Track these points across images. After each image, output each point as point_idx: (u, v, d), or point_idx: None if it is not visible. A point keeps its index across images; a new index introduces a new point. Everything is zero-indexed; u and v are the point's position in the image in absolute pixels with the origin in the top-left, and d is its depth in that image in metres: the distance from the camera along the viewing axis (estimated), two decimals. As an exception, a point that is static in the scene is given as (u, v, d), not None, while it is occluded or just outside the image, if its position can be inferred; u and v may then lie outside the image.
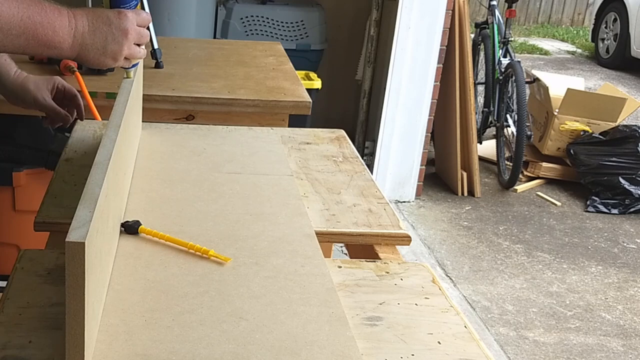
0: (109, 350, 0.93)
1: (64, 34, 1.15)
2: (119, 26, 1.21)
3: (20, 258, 1.17)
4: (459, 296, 3.16)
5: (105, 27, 1.20)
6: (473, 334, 1.08)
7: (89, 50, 1.19)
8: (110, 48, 1.20)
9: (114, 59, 1.22)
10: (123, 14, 1.22)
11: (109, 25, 1.20)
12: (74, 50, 1.18)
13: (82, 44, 1.18)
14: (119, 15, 1.22)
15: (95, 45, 1.19)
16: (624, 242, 3.83)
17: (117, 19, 1.21)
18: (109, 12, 1.23)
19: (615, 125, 4.40)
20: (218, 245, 1.20)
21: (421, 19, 3.78)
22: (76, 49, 1.17)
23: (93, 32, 1.18)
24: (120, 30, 1.21)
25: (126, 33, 1.21)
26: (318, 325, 1.02)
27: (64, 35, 1.15)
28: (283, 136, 1.81)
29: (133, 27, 1.22)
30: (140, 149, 1.59)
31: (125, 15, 1.22)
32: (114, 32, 1.20)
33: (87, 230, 0.84)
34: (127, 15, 1.22)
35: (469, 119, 4.14)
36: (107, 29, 1.20)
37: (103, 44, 1.19)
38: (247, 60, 2.59)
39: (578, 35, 9.59)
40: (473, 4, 7.49)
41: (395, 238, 1.38)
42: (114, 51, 1.21)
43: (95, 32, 1.19)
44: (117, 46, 1.21)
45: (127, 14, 1.23)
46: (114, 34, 1.20)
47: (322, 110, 4.15)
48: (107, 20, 1.20)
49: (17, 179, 2.46)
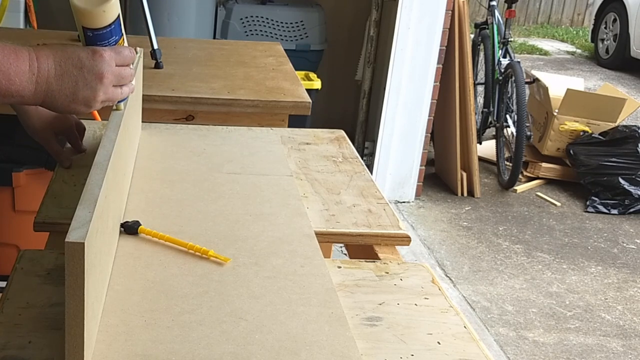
0: (108, 350, 0.93)
1: (22, 82, 1.01)
2: (93, 69, 1.06)
3: (20, 258, 1.17)
4: (459, 296, 3.16)
5: (76, 70, 1.05)
6: (473, 334, 1.08)
7: (55, 97, 1.05)
8: (82, 94, 1.06)
9: (87, 105, 1.08)
10: (98, 54, 1.07)
11: (79, 68, 1.05)
12: (38, 98, 1.04)
13: (47, 90, 1.04)
14: (93, 56, 1.06)
15: (64, 92, 1.05)
16: (623, 243, 3.83)
17: (91, 60, 1.06)
18: (82, 52, 1.07)
19: (614, 126, 4.40)
20: (218, 245, 1.20)
21: (421, 19, 3.79)
22: (40, 96, 1.04)
23: (60, 77, 1.04)
24: (94, 74, 1.06)
25: (101, 77, 1.06)
26: (318, 326, 1.02)
27: (22, 83, 1.01)
28: (283, 136, 1.81)
29: (110, 69, 1.07)
30: (140, 149, 1.59)
31: (100, 55, 1.07)
32: (86, 76, 1.05)
33: (87, 231, 0.84)
34: (103, 55, 1.07)
35: (469, 120, 4.14)
36: (77, 73, 1.05)
37: (72, 90, 1.05)
38: (247, 60, 2.59)
39: (578, 36, 9.60)
40: (473, 4, 7.49)
41: (395, 238, 1.38)
42: (87, 97, 1.06)
43: (63, 77, 1.04)
44: (89, 92, 1.06)
45: (104, 53, 1.07)
46: (86, 78, 1.05)
47: (321, 111, 4.15)
48: (78, 61, 1.05)
49: (17, 179, 2.46)
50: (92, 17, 1.10)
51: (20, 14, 3.50)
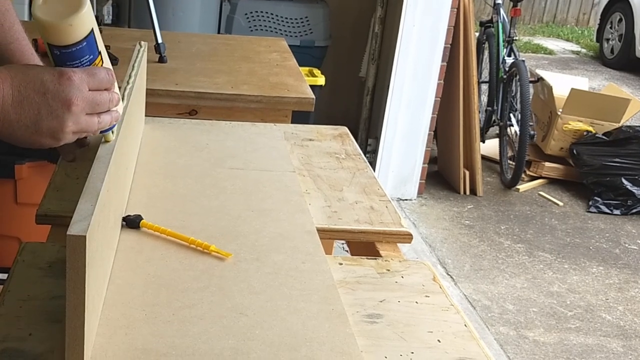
0: (108, 343, 0.93)
1: None
2: (58, 94, 0.89)
3: (22, 251, 1.17)
4: (460, 295, 3.16)
5: (38, 96, 0.88)
6: (473, 333, 1.08)
7: (14, 129, 0.89)
8: (46, 124, 0.89)
9: (54, 137, 0.91)
10: (66, 76, 0.90)
11: (42, 93, 0.88)
12: None
13: (4, 120, 0.88)
14: (59, 79, 0.89)
15: (23, 122, 0.88)
16: (625, 243, 3.83)
17: (57, 84, 0.89)
18: (46, 75, 0.89)
19: (618, 126, 4.39)
20: (219, 240, 1.20)
21: (426, 17, 3.78)
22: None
23: (19, 104, 0.88)
24: (60, 100, 0.89)
25: (68, 104, 0.89)
26: (318, 322, 1.02)
27: None
28: (286, 132, 1.81)
29: (80, 94, 0.90)
30: (142, 143, 1.59)
31: (68, 78, 0.90)
32: (51, 103, 0.88)
33: (89, 224, 0.84)
34: (72, 78, 0.90)
35: (472, 118, 4.14)
36: (40, 99, 0.88)
37: (34, 120, 0.89)
38: (251, 55, 2.59)
39: (583, 35, 9.58)
40: (478, 2, 7.47)
41: (397, 236, 1.38)
42: (52, 128, 0.90)
43: (23, 104, 0.88)
44: (55, 122, 0.89)
45: (73, 76, 0.90)
46: (51, 106, 0.88)
47: (325, 107, 4.15)
48: (41, 86, 0.88)
49: (19, 171, 2.46)
50: (57, 32, 0.91)
51: (25, 6, 3.50)
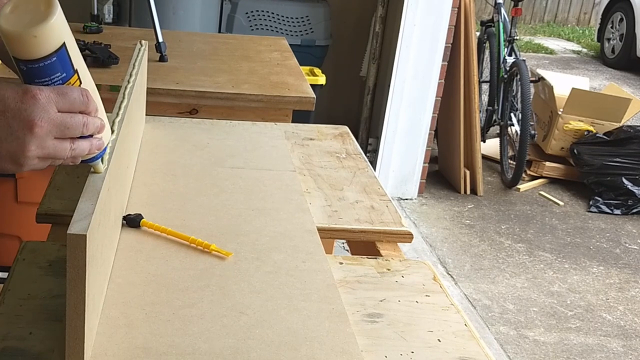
0: (108, 342, 0.93)
1: None
2: (19, 114, 0.80)
3: (22, 249, 1.17)
4: (460, 294, 3.16)
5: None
6: (473, 333, 1.08)
7: None
8: (5, 147, 0.80)
9: (15, 162, 0.82)
10: (30, 94, 0.80)
11: (2, 112, 0.79)
12: None
13: None
14: (22, 97, 0.80)
15: None
16: (626, 243, 3.83)
17: (19, 102, 0.80)
18: (9, 91, 0.80)
19: (619, 126, 4.39)
20: (219, 239, 1.20)
21: (427, 17, 3.78)
22: None
23: None
24: (21, 121, 0.80)
25: (30, 125, 0.80)
26: (318, 321, 1.02)
27: None
28: (286, 132, 1.81)
29: (46, 115, 0.80)
30: (143, 142, 1.59)
31: (33, 96, 0.80)
32: (11, 123, 0.79)
33: (89, 223, 0.84)
34: (37, 97, 0.80)
35: (473, 117, 4.14)
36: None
37: None
38: (252, 55, 2.59)
39: (584, 35, 9.57)
40: (479, 1, 7.47)
41: (397, 235, 1.38)
42: (12, 152, 0.81)
43: None
44: (15, 144, 0.80)
45: (38, 94, 0.80)
46: (11, 126, 0.79)
47: (326, 106, 4.15)
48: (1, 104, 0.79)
49: (20, 170, 2.46)
50: (21, 44, 0.80)
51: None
